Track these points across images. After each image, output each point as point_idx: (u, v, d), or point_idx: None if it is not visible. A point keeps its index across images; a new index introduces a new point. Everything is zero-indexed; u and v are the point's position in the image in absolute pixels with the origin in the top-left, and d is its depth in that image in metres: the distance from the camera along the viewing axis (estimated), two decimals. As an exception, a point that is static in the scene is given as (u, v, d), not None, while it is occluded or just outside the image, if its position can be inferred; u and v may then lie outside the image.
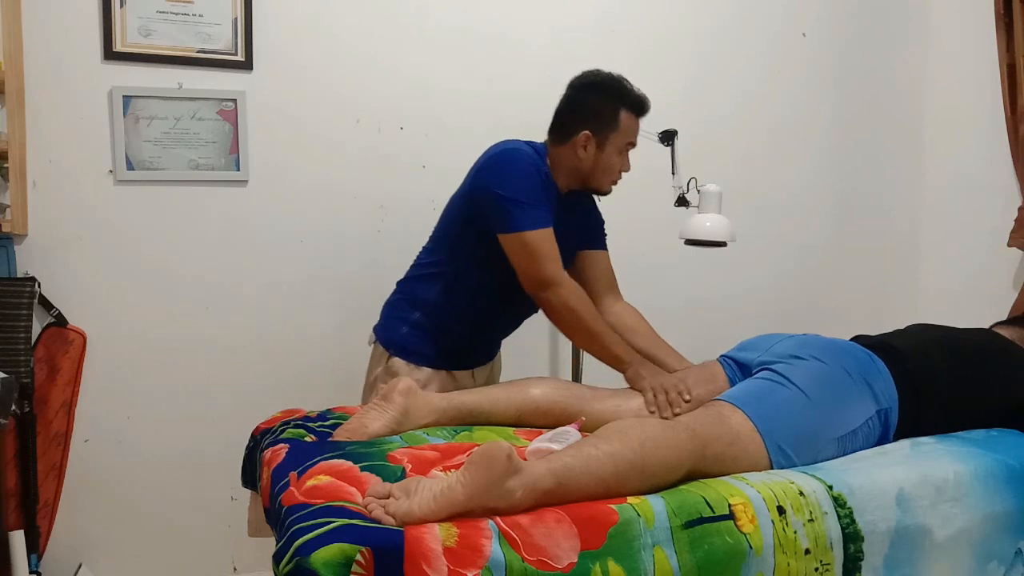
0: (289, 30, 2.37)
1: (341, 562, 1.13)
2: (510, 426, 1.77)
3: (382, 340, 2.04)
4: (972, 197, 2.97)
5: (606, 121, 1.92)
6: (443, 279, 1.99)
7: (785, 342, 1.81)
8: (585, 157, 1.94)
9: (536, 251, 1.83)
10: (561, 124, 1.96)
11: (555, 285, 1.84)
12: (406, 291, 2.06)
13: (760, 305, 2.95)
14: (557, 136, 1.97)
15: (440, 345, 2.00)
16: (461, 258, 1.96)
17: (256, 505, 1.79)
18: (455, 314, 1.99)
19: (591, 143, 1.93)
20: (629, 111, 1.94)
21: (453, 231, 1.98)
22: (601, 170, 1.96)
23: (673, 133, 2.18)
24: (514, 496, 1.25)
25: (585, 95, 1.95)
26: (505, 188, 1.84)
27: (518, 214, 1.83)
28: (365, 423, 1.67)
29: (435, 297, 1.99)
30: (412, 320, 2.01)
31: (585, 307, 1.86)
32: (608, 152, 1.94)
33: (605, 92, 1.94)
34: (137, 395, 2.33)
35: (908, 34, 3.11)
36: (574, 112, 1.95)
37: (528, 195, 1.84)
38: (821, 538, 1.38)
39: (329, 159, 2.45)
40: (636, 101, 1.95)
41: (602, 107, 1.92)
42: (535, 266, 1.84)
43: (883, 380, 1.68)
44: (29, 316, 2.13)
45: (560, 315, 1.87)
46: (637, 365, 1.85)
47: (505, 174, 1.86)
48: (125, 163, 2.25)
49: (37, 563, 2.17)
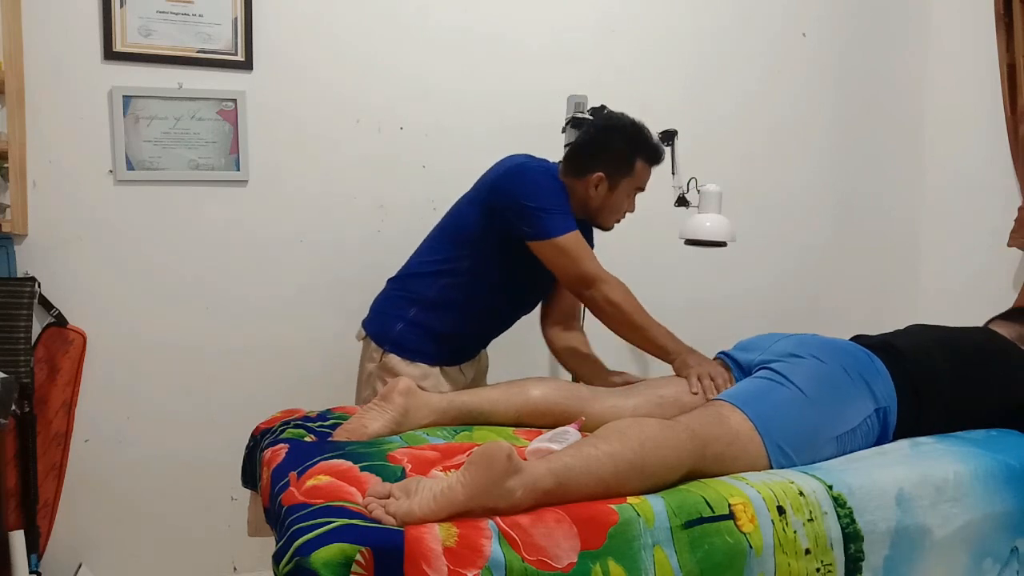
0: (289, 30, 2.37)
1: (341, 562, 1.13)
2: (510, 426, 1.77)
3: (375, 336, 2.07)
4: (972, 197, 2.97)
5: (622, 166, 1.99)
6: (449, 276, 2.02)
7: (784, 341, 1.81)
8: (595, 196, 2.00)
9: (572, 253, 1.90)
10: (578, 158, 2.02)
11: (597, 282, 1.90)
12: (402, 288, 2.09)
13: (760, 305, 2.95)
14: (572, 169, 2.02)
15: (435, 341, 2.03)
16: (475, 258, 2.00)
17: (256, 505, 1.79)
18: (456, 311, 2.02)
19: (603, 184, 1.99)
20: (645, 161, 2.00)
21: (468, 233, 2.01)
22: (608, 209, 2.03)
23: (673, 133, 2.18)
24: (514, 496, 1.25)
25: (606, 137, 2.01)
26: (531, 198, 1.91)
27: (548, 221, 1.90)
28: (365, 423, 1.67)
29: (436, 293, 2.02)
30: (408, 316, 2.04)
31: (628, 300, 1.91)
32: (618, 194, 2.01)
33: (626, 138, 1.99)
34: (137, 395, 2.33)
35: (908, 34, 3.10)
36: (593, 151, 2.00)
37: (554, 202, 1.91)
38: (821, 538, 1.39)
39: (329, 159, 2.45)
40: (653, 152, 2.01)
41: (620, 152, 1.99)
42: (575, 266, 1.91)
43: (882, 379, 1.68)
44: (29, 316, 2.13)
45: (604, 310, 1.92)
46: (685, 355, 1.90)
47: (530, 185, 1.93)
48: (125, 163, 2.25)
49: (37, 563, 2.17)
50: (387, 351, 2.03)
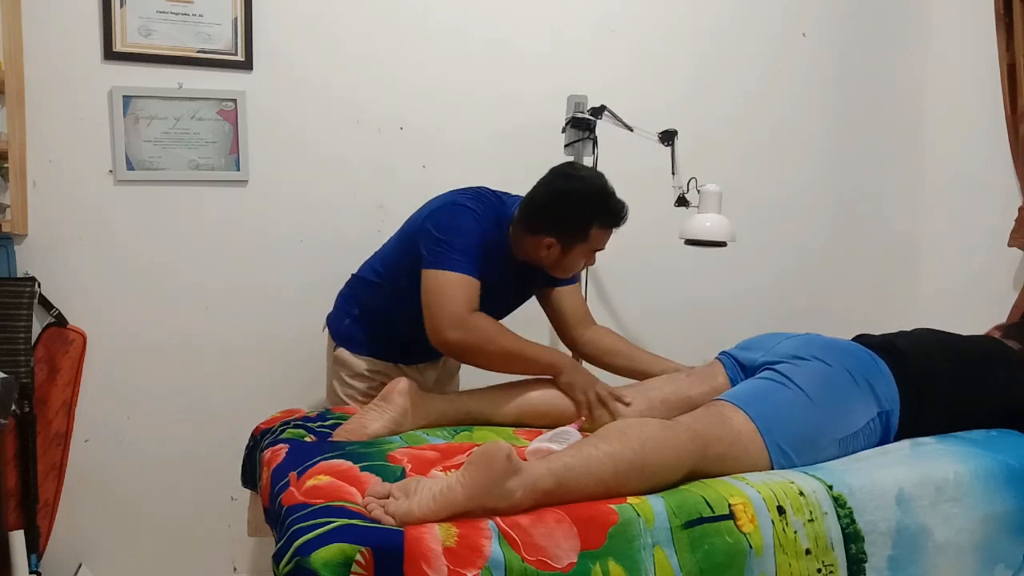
0: (289, 30, 2.37)
1: (341, 562, 1.14)
2: (510, 426, 1.77)
3: (331, 330, 2.14)
4: (972, 197, 2.97)
5: (575, 233, 1.87)
6: (381, 292, 2.05)
7: (787, 342, 1.81)
8: (546, 256, 1.90)
9: (447, 290, 1.79)
10: (531, 216, 1.89)
11: (461, 323, 1.78)
12: (353, 286, 2.15)
13: (760, 305, 2.95)
14: (524, 224, 1.90)
15: (376, 341, 2.07)
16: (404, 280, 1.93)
17: (256, 505, 1.79)
18: (391, 322, 2.04)
19: (555, 247, 1.88)
20: (602, 226, 1.88)
21: (394, 258, 2.03)
22: (561, 269, 1.94)
23: (673, 133, 2.18)
24: (514, 496, 1.25)
25: (562, 204, 1.85)
26: (441, 231, 1.84)
27: (444, 256, 1.81)
28: (365, 423, 1.67)
29: (375, 305, 2.07)
30: (354, 314, 2.10)
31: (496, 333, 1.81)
32: (572, 256, 1.90)
33: (581, 205, 1.85)
34: (137, 395, 2.33)
35: (908, 34, 3.10)
36: (545, 214, 1.87)
37: (463, 243, 1.82)
38: (821, 538, 1.39)
39: (329, 159, 2.45)
40: (610, 217, 1.88)
41: (574, 220, 1.86)
42: (442, 304, 1.79)
43: (885, 381, 1.68)
44: (29, 316, 2.13)
45: (473, 352, 1.83)
46: (570, 371, 1.84)
47: (447, 220, 1.86)
48: (125, 163, 2.25)
49: (37, 563, 2.17)
50: (337, 345, 2.09)
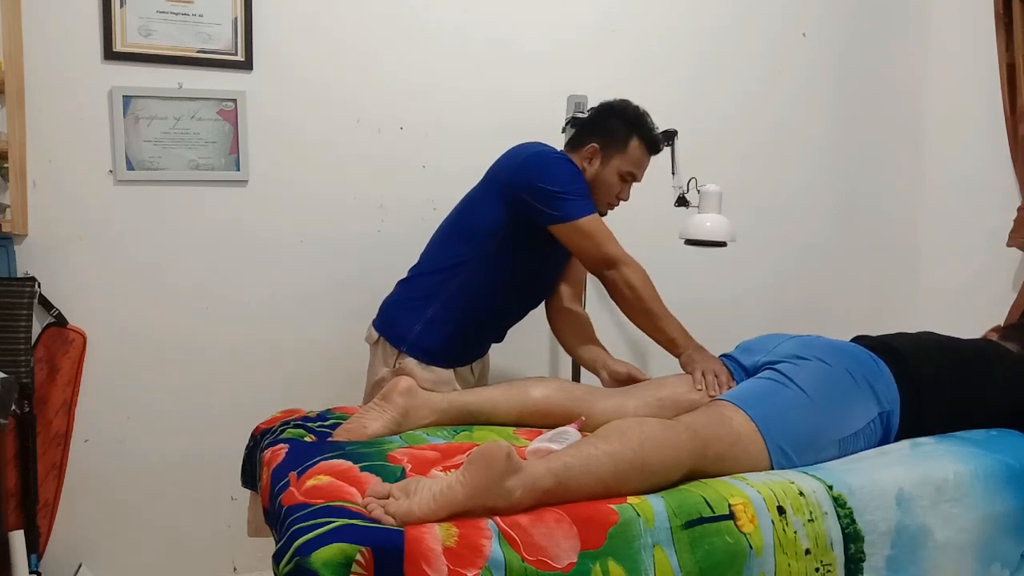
0: (289, 30, 2.37)
1: (341, 562, 1.13)
2: (510, 426, 1.77)
3: (391, 338, 2.04)
4: (972, 197, 2.97)
5: (616, 142, 2.01)
6: (465, 271, 2.00)
7: (788, 343, 1.81)
8: (588, 169, 2.02)
9: (595, 234, 1.92)
10: (577, 135, 2.08)
11: (619, 263, 1.93)
12: (417, 288, 2.06)
13: (760, 305, 2.95)
14: (571, 145, 2.08)
15: (452, 340, 2.03)
16: (491, 250, 1.99)
17: (256, 505, 1.79)
18: (476, 305, 2.02)
19: (597, 157, 2.02)
20: (641, 142, 2.02)
21: (482, 226, 2.00)
22: (599, 185, 2.02)
23: (673, 133, 2.18)
24: (513, 495, 1.25)
25: (606, 115, 2.05)
26: (552, 183, 1.92)
27: (570, 204, 1.91)
28: (365, 423, 1.67)
29: (455, 289, 2.01)
30: (426, 316, 2.02)
31: (646, 286, 1.93)
32: (609, 170, 2.02)
33: (625, 118, 2.03)
34: (137, 395, 2.33)
35: (908, 34, 3.10)
36: (591, 126, 2.06)
37: (574, 187, 1.94)
38: (821, 538, 1.39)
39: (329, 159, 2.45)
40: (650, 136, 2.03)
41: (617, 128, 2.02)
42: (597, 248, 1.93)
43: (885, 381, 1.68)
44: (29, 316, 2.13)
45: (623, 293, 1.94)
46: (692, 351, 1.91)
47: (549, 170, 1.95)
48: (125, 163, 2.25)
49: (37, 563, 2.17)
50: (404, 353, 2.01)
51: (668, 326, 1.93)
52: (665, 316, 1.94)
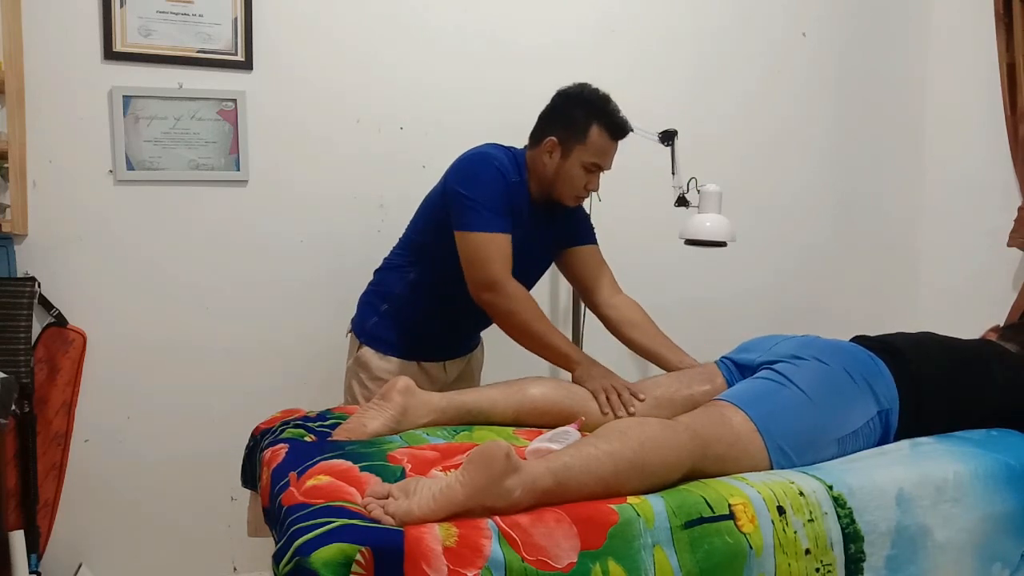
0: (289, 30, 2.37)
1: (341, 562, 1.13)
2: (509, 426, 1.77)
3: (356, 329, 2.11)
4: (972, 197, 2.97)
5: (575, 131, 1.90)
6: (410, 274, 2.04)
7: (786, 343, 1.81)
8: (548, 163, 1.93)
9: (482, 252, 1.84)
10: (537, 127, 1.98)
11: (496, 287, 1.84)
12: (377, 282, 2.13)
13: (760, 305, 2.95)
14: (532, 139, 1.99)
15: (408, 336, 2.05)
16: (429, 255, 1.99)
17: (256, 505, 1.78)
18: (421, 309, 2.04)
19: (556, 150, 1.92)
20: (602, 128, 1.90)
21: (423, 229, 2.02)
22: (562, 180, 1.93)
23: (673, 133, 2.18)
24: (513, 495, 1.25)
25: (563, 103, 1.94)
26: (467, 188, 1.87)
27: (473, 215, 1.84)
28: (364, 422, 1.67)
29: (402, 291, 2.05)
30: (381, 311, 2.06)
31: (526, 307, 1.85)
32: (571, 163, 1.91)
33: (582, 104, 1.91)
34: (137, 395, 2.33)
35: (908, 34, 3.10)
36: (549, 117, 1.96)
37: (487, 199, 1.85)
38: (821, 538, 1.38)
39: (329, 159, 2.45)
40: (612, 122, 1.91)
41: (575, 117, 1.91)
42: (481, 266, 1.84)
43: (884, 381, 1.68)
44: (29, 316, 2.13)
45: (501, 316, 1.88)
46: (587, 365, 1.84)
47: (470, 176, 1.89)
48: (125, 163, 2.25)
49: (37, 563, 2.17)
50: (362, 344, 2.06)
51: (557, 342, 1.85)
52: (551, 332, 1.86)
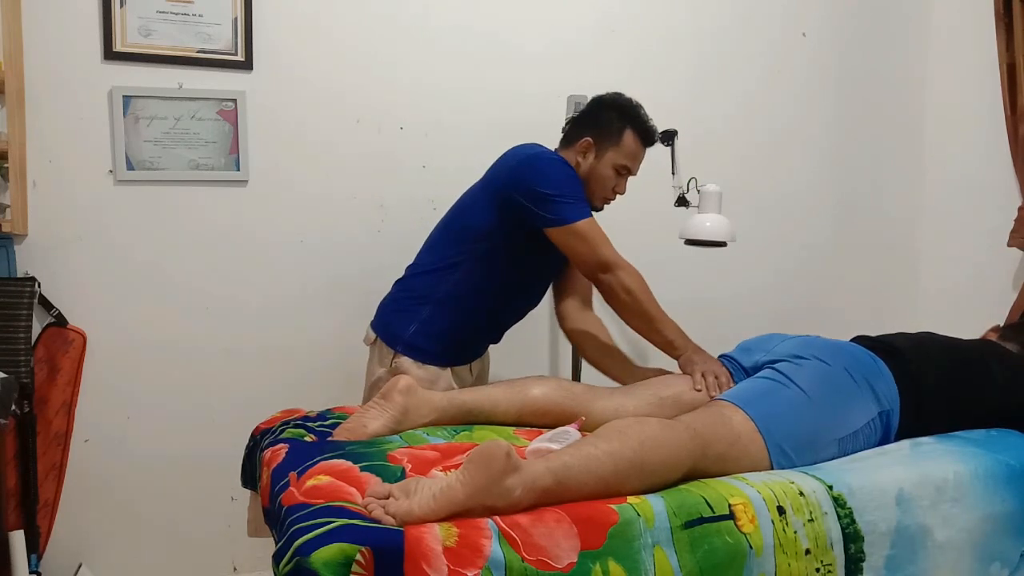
0: (289, 30, 2.37)
1: (341, 562, 1.13)
2: (510, 426, 1.77)
3: (387, 339, 2.04)
4: (972, 197, 2.97)
5: (610, 134, 2.01)
6: (459, 271, 2.01)
7: (787, 343, 1.81)
8: (583, 163, 2.02)
9: (590, 238, 1.91)
10: (571, 130, 2.08)
11: (614, 267, 1.91)
12: (412, 288, 2.07)
13: (760, 305, 2.95)
14: (565, 142, 2.08)
15: (447, 341, 2.02)
16: (485, 251, 1.99)
17: (256, 505, 1.79)
18: (470, 307, 2.02)
19: (591, 151, 2.02)
20: (635, 134, 2.02)
21: (477, 226, 2.00)
22: (594, 180, 2.02)
23: (673, 133, 2.18)
24: (513, 495, 1.25)
25: (599, 107, 2.06)
26: (547, 185, 1.92)
27: (565, 207, 1.91)
28: (364, 422, 1.67)
29: (448, 290, 2.01)
30: (421, 317, 2.02)
31: (642, 290, 1.92)
32: (604, 164, 2.02)
33: (618, 109, 2.03)
34: (137, 395, 2.33)
35: (908, 34, 3.10)
36: (584, 120, 2.06)
37: (570, 191, 1.93)
38: (821, 538, 1.39)
39: (329, 159, 2.45)
40: (644, 128, 2.03)
41: (610, 121, 2.02)
42: (592, 252, 1.92)
43: (885, 381, 1.68)
44: (29, 316, 2.13)
45: (618, 297, 1.93)
46: (691, 352, 1.91)
47: (546, 173, 1.94)
48: (125, 163, 2.25)
49: (37, 563, 2.17)
50: (399, 353, 2.01)
51: (665, 328, 1.93)
52: (662, 319, 1.93)
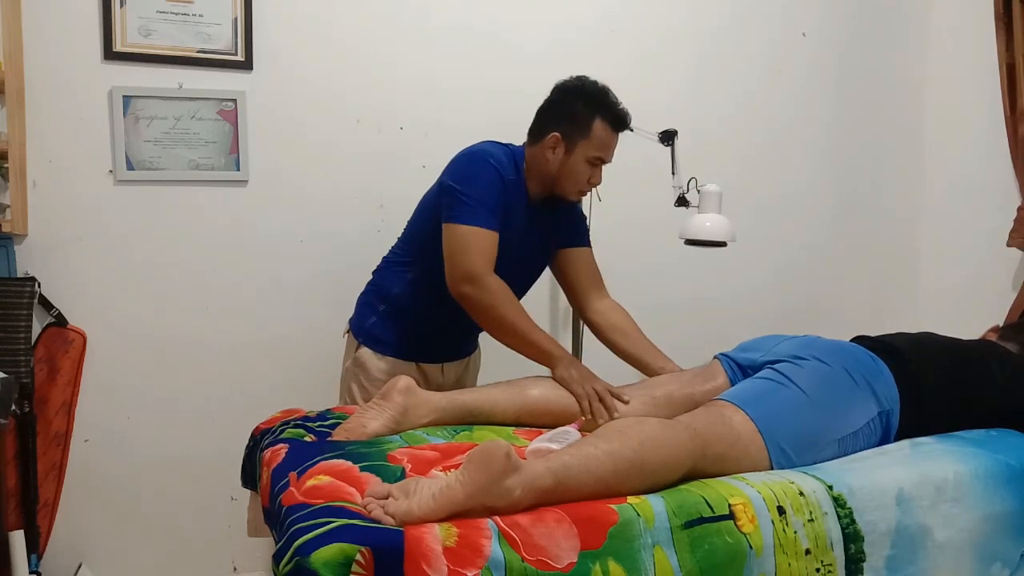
0: (289, 30, 2.37)
1: (341, 562, 1.13)
2: (510, 426, 1.77)
3: (353, 329, 2.10)
4: (972, 197, 2.97)
5: (578, 126, 1.90)
6: (409, 273, 2.03)
7: (787, 343, 1.81)
8: (552, 159, 1.92)
9: (464, 245, 1.82)
10: (537, 123, 1.97)
11: (475, 280, 1.81)
12: (376, 282, 2.11)
13: (760, 305, 2.95)
14: (532, 136, 1.98)
15: (406, 337, 2.03)
16: (428, 254, 1.95)
17: (256, 505, 1.79)
18: (420, 308, 2.02)
19: (560, 146, 1.91)
20: (605, 122, 1.90)
21: (422, 227, 2.01)
22: (566, 175, 1.93)
23: (673, 133, 2.18)
24: (512, 495, 1.25)
25: (564, 97, 1.94)
26: (458, 182, 1.87)
27: (461, 208, 1.84)
28: (364, 422, 1.67)
29: (401, 291, 2.04)
30: (379, 311, 2.05)
31: (505, 301, 1.82)
32: (575, 158, 1.91)
33: (584, 98, 1.91)
34: (137, 395, 2.33)
35: (908, 34, 3.10)
36: (550, 112, 1.95)
37: (478, 194, 1.84)
38: (821, 538, 1.38)
39: (329, 159, 2.45)
40: (614, 114, 1.91)
41: (577, 111, 1.90)
42: (464, 259, 1.82)
43: (885, 381, 1.68)
44: (29, 316, 2.13)
45: (479, 310, 1.85)
46: (567, 364, 1.82)
47: (464, 170, 1.89)
48: (125, 163, 2.25)
49: (37, 563, 2.17)
50: (361, 344, 2.05)
51: (537, 338, 1.83)
52: (531, 329, 1.83)
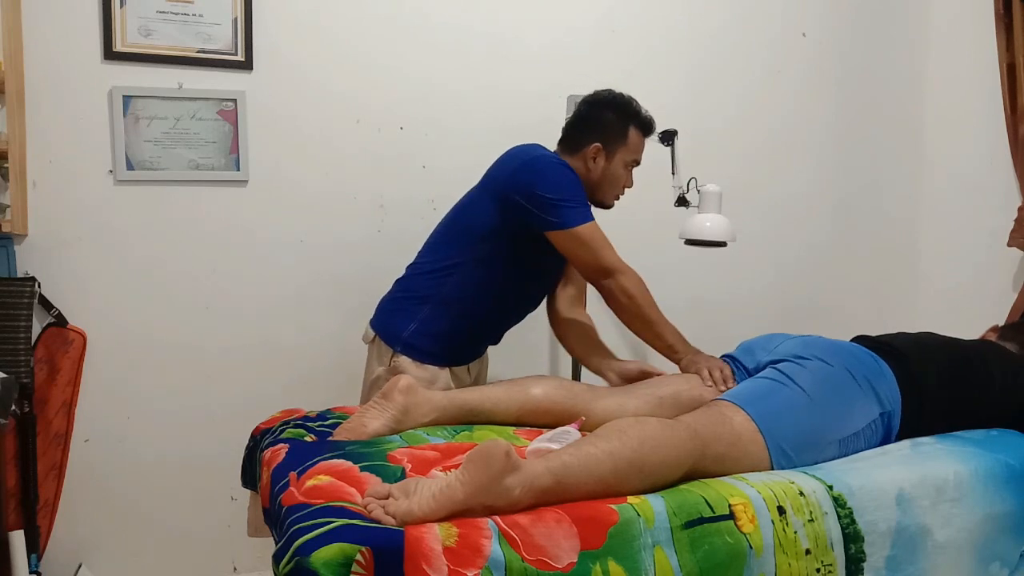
0: (289, 30, 2.37)
1: (341, 562, 1.13)
2: (510, 425, 1.77)
3: (385, 337, 2.04)
4: (972, 197, 2.97)
5: (616, 135, 2.02)
6: (459, 273, 2.01)
7: (788, 343, 1.81)
8: (594, 168, 2.03)
9: (592, 243, 1.92)
10: (572, 136, 2.06)
11: (615, 272, 1.93)
12: (412, 288, 2.07)
13: (760, 305, 2.95)
14: (567, 147, 2.06)
15: (447, 341, 2.02)
16: (485, 252, 1.99)
17: (256, 505, 1.79)
18: (469, 309, 2.02)
19: (601, 155, 2.03)
20: (638, 129, 2.04)
21: (478, 228, 2.00)
22: (608, 182, 2.05)
23: (673, 133, 2.19)
24: (512, 494, 1.25)
25: (598, 110, 2.05)
26: (550, 190, 1.92)
27: (567, 212, 1.92)
28: (365, 422, 1.67)
29: (447, 291, 2.01)
30: (419, 316, 2.02)
31: (643, 294, 1.93)
32: (615, 165, 2.04)
33: (617, 109, 2.03)
34: (137, 395, 2.33)
35: (908, 34, 3.10)
36: (586, 125, 2.05)
37: (573, 195, 1.94)
38: (821, 538, 1.39)
39: (329, 159, 2.45)
40: (644, 122, 2.05)
41: (613, 122, 2.03)
42: (594, 256, 1.93)
43: (886, 382, 1.68)
44: (29, 316, 2.13)
45: (619, 301, 1.94)
46: (692, 354, 1.92)
47: (548, 176, 1.95)
48: (125, 163, 2.25)
49: (37, 563, 2.17)
50: (398, 352, 2.01)
51: (666, 332, 1.94)
52: (662, 323, 1.94)
